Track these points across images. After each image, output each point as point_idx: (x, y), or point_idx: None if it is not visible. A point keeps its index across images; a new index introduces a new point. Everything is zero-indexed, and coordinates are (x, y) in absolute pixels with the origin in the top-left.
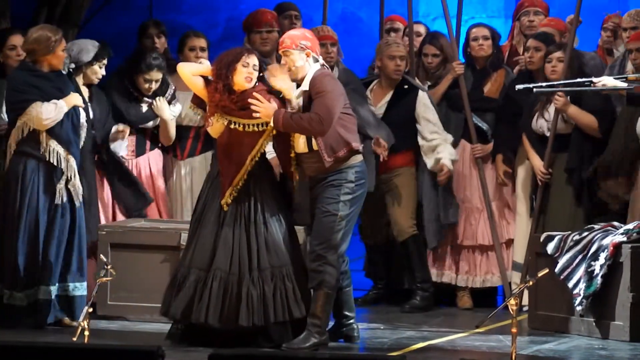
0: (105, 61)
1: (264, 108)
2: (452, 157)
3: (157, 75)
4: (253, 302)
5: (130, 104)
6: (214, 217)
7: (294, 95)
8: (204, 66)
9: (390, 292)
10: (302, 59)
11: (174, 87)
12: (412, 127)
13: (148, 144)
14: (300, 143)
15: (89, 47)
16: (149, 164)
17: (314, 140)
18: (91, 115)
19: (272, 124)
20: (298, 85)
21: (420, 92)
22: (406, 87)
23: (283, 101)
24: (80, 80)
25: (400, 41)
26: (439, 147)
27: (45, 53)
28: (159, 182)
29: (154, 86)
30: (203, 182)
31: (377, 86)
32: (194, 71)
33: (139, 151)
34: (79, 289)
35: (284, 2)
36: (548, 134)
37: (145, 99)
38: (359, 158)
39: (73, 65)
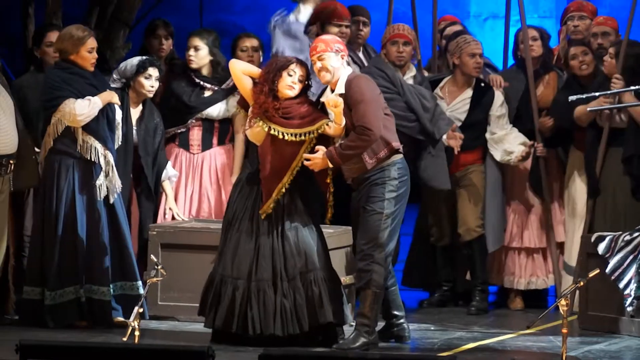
0: (150, 72)
1: (316, 161)
2: (521, 141)
3: (194, 41)
4: (286, 312)
5: (192, 92)
6: (247, 226)
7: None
8: (255, 68)
9: (455, 294)
10: (338, 61)
11: None
12: (484, 125)
13: (215, 139)
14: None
15: (133, 62)
16: (215, 160)
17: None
18: (135, 138)
19: (330, 165)
20: (332, 90)
21: (496, 91)
22: (482, 84)
23: (325, 111)
24: (133, 97)
25: (476, 38)
26: (508, 136)
27: (71, 52)
28: (222, 180)
29: (195, 54)
30: (232, 187)
31: (451, 84)
32: (245, 70)
33: (205, 146)
34: (131, 288)
35: (354, 5)
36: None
37: (208, 85)
38: (400, 155)
39: (122, 82)
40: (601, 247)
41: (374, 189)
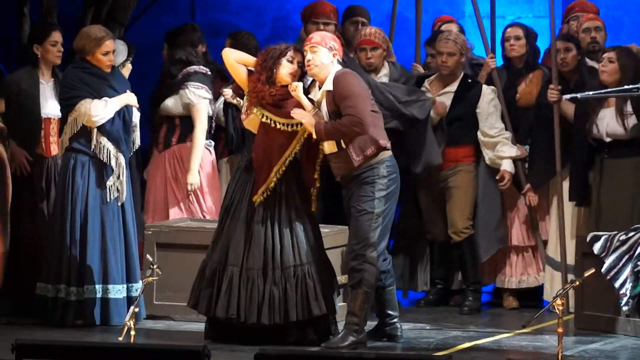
0: (131, 57)
1: (308, 117)
2: (512, 154)
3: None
4: (274, 301)
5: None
6: (243, 213)
7: (317, 97)
8: (250, 57)
9: (449, 292)
10: (329, 58)
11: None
12: (473, 121)
13: (175, 137)
14: (329, 143)
15: (119, 47)
16: (173, 159)
17: (342, 140)
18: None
19: (314, 135)
20: (319, 86)
21: (484, 86)
22: (469, 81)
23: (312, 102)
24: None
25: (451, 37)
26: (499, 145)
27: (87, 53)
28: (183, 178)
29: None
30: (230, 177)
31: (438, 79)
32: (239, 59)
33: (166, 144)
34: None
35: (354, 5)
36: (607, 139)
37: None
38: (388, 152)
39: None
40: (596, 247)
41: (363, 188)
